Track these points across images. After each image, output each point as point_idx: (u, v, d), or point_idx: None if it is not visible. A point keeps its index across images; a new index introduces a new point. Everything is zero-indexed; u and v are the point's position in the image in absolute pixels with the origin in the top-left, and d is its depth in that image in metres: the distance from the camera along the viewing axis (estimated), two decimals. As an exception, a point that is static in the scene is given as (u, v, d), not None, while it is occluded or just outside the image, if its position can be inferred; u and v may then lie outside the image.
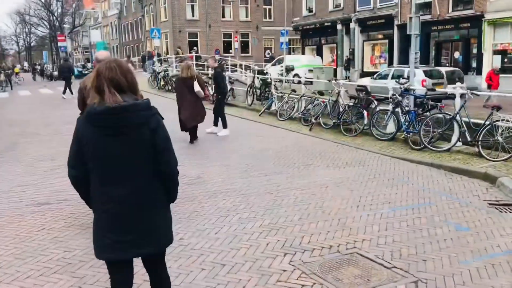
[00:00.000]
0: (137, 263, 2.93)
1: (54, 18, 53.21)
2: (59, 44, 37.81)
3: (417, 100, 10.19)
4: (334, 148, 9.78)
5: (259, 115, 14.62)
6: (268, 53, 46.86)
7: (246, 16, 49.01)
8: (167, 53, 42.93)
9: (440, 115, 9.21)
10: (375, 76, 20.13)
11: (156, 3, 48.05)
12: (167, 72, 23.54)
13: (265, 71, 28.42)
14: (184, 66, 10.31)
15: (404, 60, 24.29)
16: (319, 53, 34.86)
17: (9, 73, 30.85)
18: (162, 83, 23.16)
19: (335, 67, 32.62)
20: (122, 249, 2.58)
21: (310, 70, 23.42)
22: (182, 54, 35.31)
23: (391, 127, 10.32)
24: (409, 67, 12.20)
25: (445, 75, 17.60)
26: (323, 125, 12.08)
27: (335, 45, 33.76)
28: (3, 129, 12.82)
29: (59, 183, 7.06)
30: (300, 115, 13.02)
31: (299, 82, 15.45)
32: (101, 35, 50.92)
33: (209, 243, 4.71)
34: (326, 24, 33.62)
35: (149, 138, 2.52)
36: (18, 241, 4.81)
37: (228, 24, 47.74)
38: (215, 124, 11.27)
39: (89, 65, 39.73)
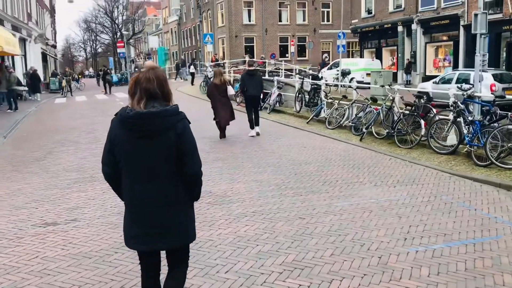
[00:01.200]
0: None
1: (116, 25, 54.72)
2: (118, 50, 38.64)
3: (483, 108, 8.90)
4: (385, 162, 8.70)
5: (307, 122, 13.70)
6: (326, 57, 45.67)
7: (303, 20, 48.08)
8: (223, 58, 42.84)
9: (511, 126, 7.91)
10: (437, 80, 18.59)
11: (213, 8, 48.21)
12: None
13: (320, 76, 27.49)
14: (216, 72, 10.99)
15: (470, 63, 22.37)
16: (379, 56, 33.29)
17: (70, 79, 31.71)
18: None
19: (395, 71, 30.96)
20: (146, 242, 2.78)
21: (368, 74, 22.09)
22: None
23: (452, 139, 9.08)
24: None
25: (517, 79, 15.85)
26: (375, 135, 10.99)
27: (395, 47, 32.05)
28: (46, 136, 12.72)
29: (76, 199, 6.55)
30: (350, 124, 11.97)
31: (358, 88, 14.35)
32: (158, 41, 51.73)
33: (215, 286, 3.91)
34: (386, 25, 32.02)
35: (176, 141, 2.69)
36: (3, 273, 4.23)
37: (285, 28, 47.03)
38: (255, 128, 11.72)
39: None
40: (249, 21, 46.07)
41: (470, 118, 8.68)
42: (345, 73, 26.97)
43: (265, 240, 4.90)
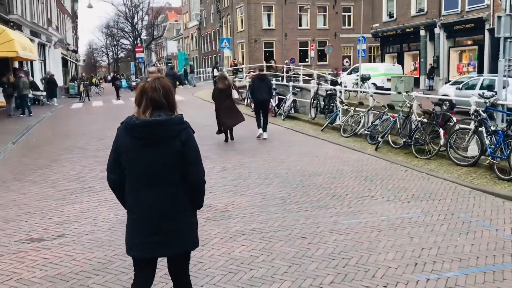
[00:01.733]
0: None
1: (136, 31, 55.10)
2: (137, 55, 38.78)
3: (507, 117, 8.31)
4: (401, 173, 8.18)
5: (321, 130, 13.22)
6: (347, 61, 44.96)
7: (324, 24, 47.57)
8: (242, 63, 42.56)
9: (538, 137, 7.32)
10: (460, 86, 17.87)
11: (233, 13, 48.07)
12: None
13: (339, 81, 26.93)
14: (219, 77, 11.30)
15: (496, 68, 21.52)
16: (400, 61, 32.54)
17: (87, 84, 31.81)
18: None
19: (417, 76, 30.21)
20: (148, 249, 2.79)
21: (389, 79, 21.52)
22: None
23: (473, 150, 8.51)
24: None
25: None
26: (392, 144, 10.45)
27: (417, 52, 31.30)
28: (56, 143, 12.54)
29: (69, 211, 6.25)
30: (366, 132, 11.45)
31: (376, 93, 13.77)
32: (178, 46, 51.76)
33: (197, 318, 3.51)
34: (408, 30, 31.31)
35: (180, 149, 2.74)
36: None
37: (305, 33, 46.58)
38: (261, 128, 11.88)
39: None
40: (269, 25, 45.77)
41: (492, 128, 8.10)
42: (365, 78, 26.37)
43: (260, 263, 4.47)
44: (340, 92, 13.76)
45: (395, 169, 8.53)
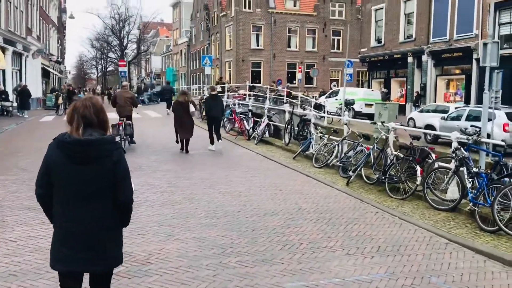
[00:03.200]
0: None
1: (122, 45, 54.17)
2: (120, 69, 37.65)
3: (492, 159, 7.33)
4: (370, 216, 7.13)
5: (293, 158, 12.19)
6: (334, 85, 44.30)
7: (313, 47, 47.05)
8: (230, 82, 41.69)
9: (526, 183, 6.32)
10: (446, 116, 17.01)
11: (222, 32, 47.42)
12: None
13: (323, 104, 26.07)
14: (181, 92, 13.36)
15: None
16: (387, 86, 31.85)
17: (65, 96, 30.54)
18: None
19: (403, 103, 29.48)
20: (74, 264, 2.81)
21: (368, 105, 20.77)
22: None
23: (453, 192, 7.49)
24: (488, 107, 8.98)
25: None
26: (365, 179, 9.42)
27: (405, 78, 30.62)
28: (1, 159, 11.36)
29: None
30: (339, 163, 10.43)
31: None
32: (163, 62, 50.92)
33: None
34: (395, 56, 30.65)
35: (111, 169, 2.80)
36: None
37: (293, 54, 45.99)
38: (211, 142, 13.12)
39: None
40: (257, 45, 45.14)
41: (475, 170, 7.09)
42: (349, 104, 25.59)
43: None
44: (318, 117, 12.75)
45: (364, 210, 7.49)
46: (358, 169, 9.41)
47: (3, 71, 24.95)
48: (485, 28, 22.82)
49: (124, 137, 12.80)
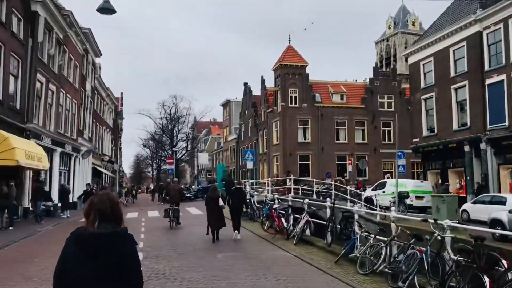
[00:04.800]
0: None
1: (172, 143, 55.46)
2: (167, 166, 37.93)
3: None
4: None
5: (335, 261, 10.53)
6: (388, 177, 42.34)
7: (363, 139, 46.00)
8: (277, 176, 40.85)
9: None
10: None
11: (269, 127, 47.61)
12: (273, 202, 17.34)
13: (374, 200, 24.41)
14: (212, 188, 14.94)
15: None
16: (444, 178, 29.69)
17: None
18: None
19: (463, 195, 27.05)
20: None
21: (419, 197, 19.06)
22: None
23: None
24: None
25: None
26: (420, 290, 7.64)
27: (463, 169, 28.42)
28: (7, 266, 10.47)
29: None
30: (387, 269, 8.72)
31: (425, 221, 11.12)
32: (209, 158, 51.27)
33: None
34: (450, 145, 28.85)
35: (122, 261, 2.79)
36: None
37: (342, 147, 45.03)
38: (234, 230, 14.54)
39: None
40: (305, 139, 44.72)
41: None
42: (403, 197, 23.74)
43: None
44: (359, 215, 11.21)
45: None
46: (410, 278, 7.68)
47: (50, 171, 25.25)
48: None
49: (173, 218, 17.14)
